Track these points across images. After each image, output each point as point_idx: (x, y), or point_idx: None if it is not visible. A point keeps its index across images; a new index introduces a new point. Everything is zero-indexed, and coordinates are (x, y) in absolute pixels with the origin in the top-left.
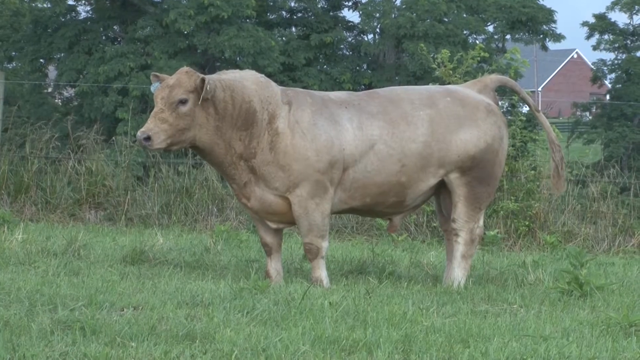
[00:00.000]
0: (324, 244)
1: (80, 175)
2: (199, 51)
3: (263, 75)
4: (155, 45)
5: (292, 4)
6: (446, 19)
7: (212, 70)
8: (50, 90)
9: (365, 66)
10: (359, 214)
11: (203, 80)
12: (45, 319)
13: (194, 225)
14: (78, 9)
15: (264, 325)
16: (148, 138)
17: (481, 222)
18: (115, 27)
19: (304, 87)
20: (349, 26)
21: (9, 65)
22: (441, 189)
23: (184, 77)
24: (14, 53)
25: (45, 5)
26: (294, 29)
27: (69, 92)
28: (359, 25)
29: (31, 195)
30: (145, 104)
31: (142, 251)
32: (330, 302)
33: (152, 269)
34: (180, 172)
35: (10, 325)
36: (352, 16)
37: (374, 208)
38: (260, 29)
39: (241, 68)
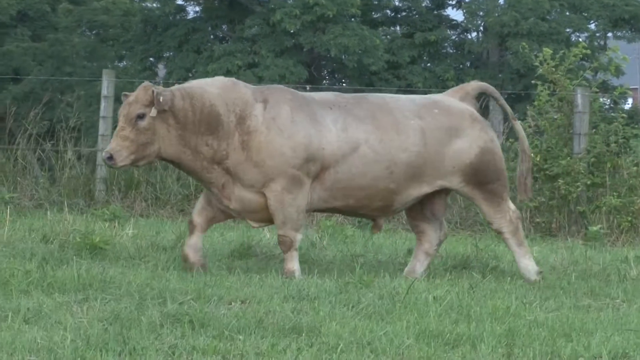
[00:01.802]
0: (298, 237)
1: None
2: (304, 50)
3: (232, 78)
4: (262, 44)
5: (397, 3)
6: (549, 17)
7: (318, 69)
8: None
9: (468, 64)
10: (343, 214)
11: (157, 93)
12: (155, 313)
13: None
14: (187, 8)
15: (369, 319)
16: (111, 157)
17: (512, 206)
18: (223, 26)
19: (408, 86)
20: (453, 24)
21: (119, 64)
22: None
23: (141, 93)
24: (124, 52)
25: (154, 5)
26: (398, 27)
27: None
28: (463, 24)
29: (141, 191)
30: None
31: (249, 246)
32: (434, 297)
33: (259, 264)
34: None
35: (121, 319)
36: (456, 14)
37: (359, 210)
38: (365, 28)
39: (347, 66)
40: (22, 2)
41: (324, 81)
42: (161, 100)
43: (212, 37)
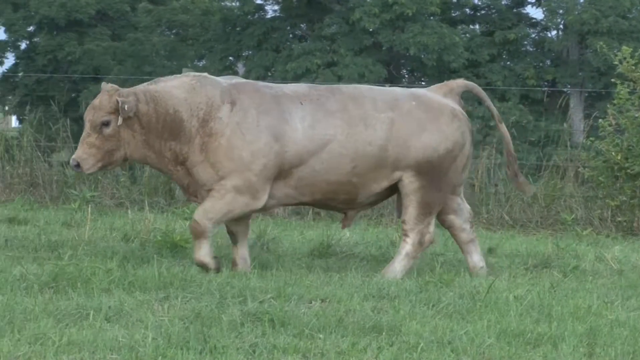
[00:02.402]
0: (209, 231)
1: None
2: (384, 48)
3: (203, 75)
4: (341, 43)
5: (476, 1)
6: (629, 15)
7: (397, 68)
8: None
9: (548, 62)
10: (313, 207)
11: (122, 102)
12: (236, 311)
13: (380, 220)
14: (266, 7)
15: (449, 318)
16: (77, 165)
17: (432, 228)
18: (302, 25)
19: (487, 84)
20: (533, 23)
21: (199, 63)
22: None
23: (104, 99)
24: (204, 51)
25: (234, 4)
26: (477, 25)
27: None
28: (543, 22)
29: None
30: None
31: (329, 245)
32: (515, 296)
33: (339, 262)
34: None
35: (202, 317)
36: (535, 13)
37: (327, 204)
38: (444, 26)
39: (426, 65)
40: (102, 1)
41: (403, 79)
42: (126, 108)
43: (291, 36)
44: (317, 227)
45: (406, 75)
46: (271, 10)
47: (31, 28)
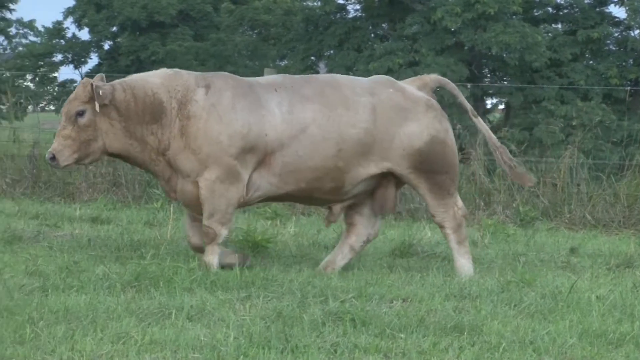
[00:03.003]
0: (223, 232)
1: None
2: (465, 48)
3: (175, 69)
4: (422, 43)
5: (558, 0)
6: None
7: (479, 67)
8: None
9: (631, 62)
10: (298, 202)
11: (97, 87)
12: (317, 310)
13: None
14: (347, 7)
15: (531, 318)
16: (53, 158)
17: (459, 202)
18: (383, 24)
19: (570, 83)
20: (616, 22)
21: (280, 63)
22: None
23: (79, 89)
24: (285, 51)
25: (315, 4)
26: (559, 24)
27: None
28: (626, 21)
29: None
30: None
31: (410, 244)
32: (597, 296)
33: (420, 262)
34: None
35: (283, 316)
36: (618, 12)
37: (312, 194)
38: (526, 25)
39: (508, 64)
40: (184, 2)
41: (485, 79)
42: (101, 93)
43: (372, 35)
44: (399, 226)
45: (488, 75)
46: (353, 9)
47: (114, 28)
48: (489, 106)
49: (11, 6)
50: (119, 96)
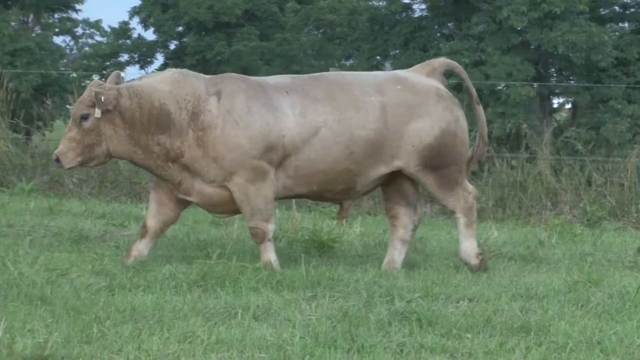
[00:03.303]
0: (270, 227)
1: None
2: (532, 47)
3: (183, 70)
4: (489, 42)
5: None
6: None
7: (545, 67)
8: None
9: None
10: (310, 199)
11: (97, 93)
12: (383, 310)
13: (528, 219)
14: (413, 6)
15: (598, 318)
16: (57, 160)
17: (469, 188)
18: (449, 24)
19: (637, 83)
20: None
21: (346, 62)
22: (394, 175)
23: (86, 93)
24: (351, 50)
25: (381, 3)
26: (626, 23)
27: None
28: None
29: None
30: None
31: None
32: None
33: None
34: (514, 166)
35: (349, 316)
36: None
37: (323, 195)
38: (592, 24)
39: (574, 63)
40: (249, 2)
41: (552, 78)
42: (102, 100)
43: (438, 34)
44: None
45: (554, 74)
46: (418, 9)
47: (180, 29)
48: (555, 105)
49: (77, 7)
50: (124, 103)
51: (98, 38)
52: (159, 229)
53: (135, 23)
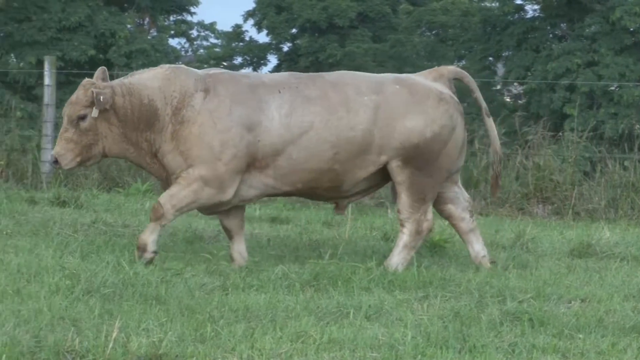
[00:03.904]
0: (169, 217)
1: (528, 170)
2: None
3: (177, 65)
4: (601, 42)
5: None
6: None
7: None
8: (499, 87)
9: None
10: (300, 197)
11: (97, 93)
12: (495, 310)
13: None
14: (526, 7)
15: None
16: (56, 161)
17: (429, 215)
18: (562, 24)
19: None
20: None
21: (459, 64)
22: None
23: (80, 93)
24: (463, 52)
25: (493, 4)
26: None
27: (517, 88)
28: None
29: (480, 190)
30: (592, 99)
31: (589, 244)
32: None
33: (599, 262)
34: (627, 167)
35: (461, 316)
36: None
37: (312, 192)
38: None
39: None
40: (363, 4)
41: None
42: (101, 99)
43: (550, 35)
44: (577, 226)
45: None
46: (531, 10)
47: (294, 30)
48: None
49: (192, 9)
50: (119, 101)
51: (212, 40)
52: (237, 224)
53: (248, 25)
